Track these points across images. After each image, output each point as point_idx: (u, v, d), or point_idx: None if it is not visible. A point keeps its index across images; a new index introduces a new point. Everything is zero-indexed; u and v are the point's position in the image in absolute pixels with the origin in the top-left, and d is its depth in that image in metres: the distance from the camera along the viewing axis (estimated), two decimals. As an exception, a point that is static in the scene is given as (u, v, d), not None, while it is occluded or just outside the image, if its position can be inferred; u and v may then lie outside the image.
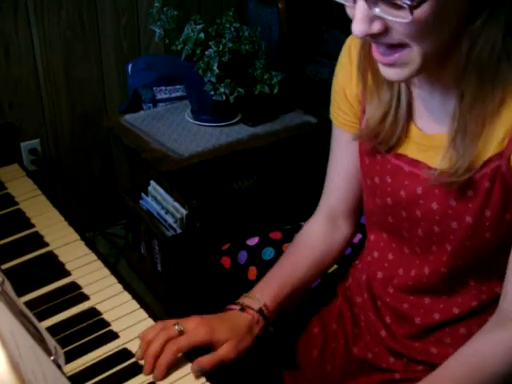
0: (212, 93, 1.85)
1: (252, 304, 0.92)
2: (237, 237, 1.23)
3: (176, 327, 0.83)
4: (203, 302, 1.24)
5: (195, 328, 0.84)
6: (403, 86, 0.83)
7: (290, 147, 2.03)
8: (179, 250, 1.89)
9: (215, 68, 1.80)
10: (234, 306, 0.93)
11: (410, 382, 0.91)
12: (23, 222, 1.05)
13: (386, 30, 0.68)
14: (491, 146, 0.76)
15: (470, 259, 0.85)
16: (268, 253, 1.16)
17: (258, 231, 1.22)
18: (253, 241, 1.19)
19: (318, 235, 1.02)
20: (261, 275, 1.13)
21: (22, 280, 0.92)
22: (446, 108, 0.79)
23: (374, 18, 0.67)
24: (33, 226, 1.04)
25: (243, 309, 0.91)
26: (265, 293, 0.94)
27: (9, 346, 0.53)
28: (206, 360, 0.81)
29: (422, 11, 0.63)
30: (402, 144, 0.86)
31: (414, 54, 0.69)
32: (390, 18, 0.65)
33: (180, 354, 0.81)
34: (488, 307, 0.88)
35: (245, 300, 0.93)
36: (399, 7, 0.63)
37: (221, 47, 1.81)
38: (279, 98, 2.01)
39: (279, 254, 1.14)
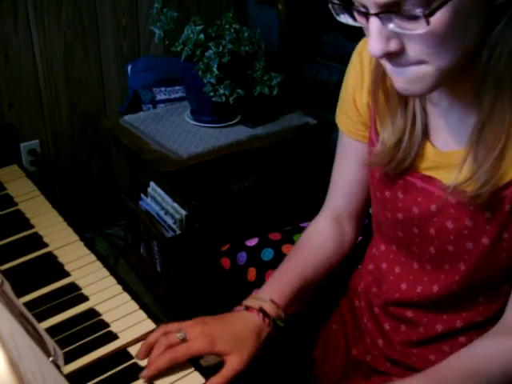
0: (212, 94, 1.85)
1: (257, 304, 0.90)
2: (236, 238, 1.23)
3: (178, 335, 0.81)
4: (203, 303, 1.24)
5: (197, 338, 0.82)
6: (418, 106, 0.80)
7: (290, 148, 2.03)
8: (179, 250, 1.89)
9: (215, 69, 1.80)
10: (239, 308, 0.90)
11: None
12: (22, 222, 1.05)
13: (402, 49, 0.65)
14: None
15: (484, 279, 0.83)
16: (267, 254, 1.16)
17: (257, 232, 1.22)
18: (252, 242, 1.19)
19: (324, 236, 1.01)
20: (260, 276, 1.13)
21: (22, 281, 0.91)
22: (464, 124, 0.77)
23: (390, 36, 0.64)
24: (32, 226, 1.04)
25: (247, 308, 0.89)
26: (272, 289, 0.93)
27: (8, 346, 0.53)
28: (217, 381, 0.79)
29: (438, 20, 0.61)
30: (415, 160, 0.83)
31: (430, 70, 0.67)
32: (406, 31, 0.63)
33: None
34: (491, 321, 0.87)
35: (250, 301, 0.91)
36: (414, 18, 0.61)
37: (220, 48, 1.81)
38: (279, 99, 2.01)
39: (278, 254, 1.14)
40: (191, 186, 1.91)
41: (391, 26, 0.63)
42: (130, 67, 2.19)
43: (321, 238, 1.02)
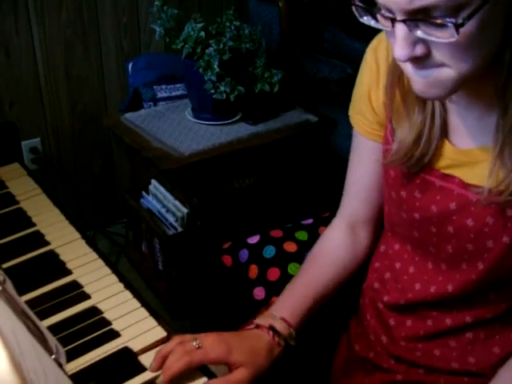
0: (212, 91, 1.85)
1: (268, 322, 0.88)
2: (238, 235, 1.23)
3: (194, 343, 0.80)
4: (204, 301, 1.24)
5: (212, 345, 0.81)
6: (437, 103, 0.80)
7: (291, 145, 2.03)
8: (180, 248, 1.89)
9: (215, 66, 1.80)
10: (250, 326, 0.89)
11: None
12: (24, 220, 1.05)
13: (428, 54, 0.65)
14: None
15: (500, 278, 0.83)
16: (269, 251, 1.16)
17: (258, 229, 1.22)
18: (253, 239, 1.19)
19: (340, 245, 1.00)
20: (262, 273, 1.13)
21: (23, 279, 0.91)
22: (484, 122, 0.76)
23: (416, 42, 0.64)
24: (34, 224, 1.04)
25: (258, 327, 0.88)
26: (283, 306, 0.91)
27: (10, 344, 0.53)
28: (218, 382, 0.79)
29: (467, 29, 0.60)
30: (433, 159, 0.82)
31: (452, 74, 0.66)
32: (433, 39, 0.62)
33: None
34: (499, 318, 0.87)
35: (261, 319, 0.89)
36: (443, 26, 0.61)
37: (221, 46, 1.81)
38: (280, 96, 2.00)
39: (280, 252, 1.14)
40: (192, 184, 1.91)
41: (418, 32, 0.63)
42: (130, 65, 2.19)
43: (335, 250, 1.00)
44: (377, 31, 0.83)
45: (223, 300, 0.95)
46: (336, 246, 1.00)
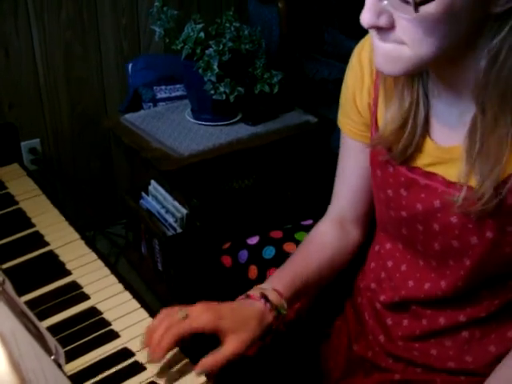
0: (212, 92, 1.85)
1: (260, 291, 0.88)
2: (237, 236, 1.23)
3: (180, 313, 0.79)
4: (204, 301, 1.24)
5: (200, 313, 0.81)
6: (421, 91, 0.81)
7: (290, 146, 2.03)
8: (180, 249, 1.89)
9: (215, 67, 1.80)
10: (242, 296, 0.90)
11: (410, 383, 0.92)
12: (23, 221, 1.05)
13: (392, 27, 0.67)
14: None
15: (489, 273, 0.84)
16: (268, 252, 1.16)
17: (258, 230, 1.22)
18: (253, 240, 1.20)
19: (328, 235, 1.01)
20: (261, 274, 1.13)
21: (23, 279, 0.92)
22: (464, 120, 0.77)
23: (382, 12, 0.66)
24: (33, 225, 1.04)
25: (248, 296, 0.88)
26: (275, 281, 0.92)
27: (9, 345, 0.53)
28: (210, 361, 0.78)
29: (428, 10, 0.62)
30: (415, 156, 0.83)
31: (408, 53, 0.68)
32: (396, 12, 0.65)
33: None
34: (494, 316, 0.87)
35: (252, 290, 0.90)
36: (406, 3, 0.63)
37: (221, 46, 1.81)
38: (279, 97, 2.01)
39: (280, 252, 1.14)
40: (192, 185, 1.91)
41: (385, 2, 0.65)
42: (130, 66, 2.19)
43: (325, 237, 1.01)
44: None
45: (223, 300, 0.95)
46: (325, 234, 1.01)
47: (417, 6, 0.62)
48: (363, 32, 0.78)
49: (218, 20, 1.90)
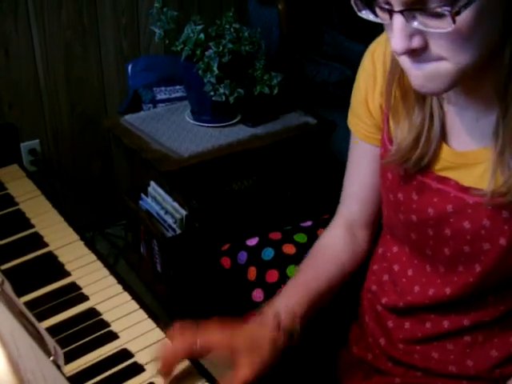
0: (212, 93, 1.85)
1: (274, 313, 0.86)
2: (236, 237, 1.23)
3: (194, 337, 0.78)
4: (203, 302, 1.24)
5: (213, 331, 0.80)
6: (435, 104, 0.80)
7: (290, 148, 2.03)
8: (179, 250, 1.89)
9: (215, 69, 1.80)
10: (255, 315, 0.87)
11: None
12: (23, 222, 1.05)
13: (425, 46, 0.65)
14: None
15: (498, 280, 0.83)
16: (268, 253, 1.16)
17: (257, 231, 1.22)
18: (252, 241, 1.19)
19: (337, 248, 0.99)
20: (260, 275, 1.13)
21: (22, 280, 0.91)
22: (481, 123, 0.76)
23: (413, 33, 0.64)
24: (32, 226, 1.04)
25: (262, 318, 0.85)
26: (285, 301, 0.89)
27: (8, 346, 0.53)
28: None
29: (463, 18, 0.61)
30: (430, 161, 0.82)
31: (450, 67, 0.66)
32: (430, 30, 0.63)
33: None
34: (498, 322, 0.87)
35: (266, 311, 0.87)
36: (439, 16, 0.61)
37: (221, 48, 1.81)
38: (279, 98, 2.01)
39: (279, 254, 1.14)
40: (191, 186, 1.91)
41: (415, 23, 0.63)
42: (130, 67, 2.19)
43: (334, 249, 0.99)
44: (376, 34, 0.83)
45: (222, 302, 0.95)
46: (336, 243, 1.00)
47: (454, 17, 0.60)
48: (363, 33, 0.77)
49: (217, 21, 1.90)
